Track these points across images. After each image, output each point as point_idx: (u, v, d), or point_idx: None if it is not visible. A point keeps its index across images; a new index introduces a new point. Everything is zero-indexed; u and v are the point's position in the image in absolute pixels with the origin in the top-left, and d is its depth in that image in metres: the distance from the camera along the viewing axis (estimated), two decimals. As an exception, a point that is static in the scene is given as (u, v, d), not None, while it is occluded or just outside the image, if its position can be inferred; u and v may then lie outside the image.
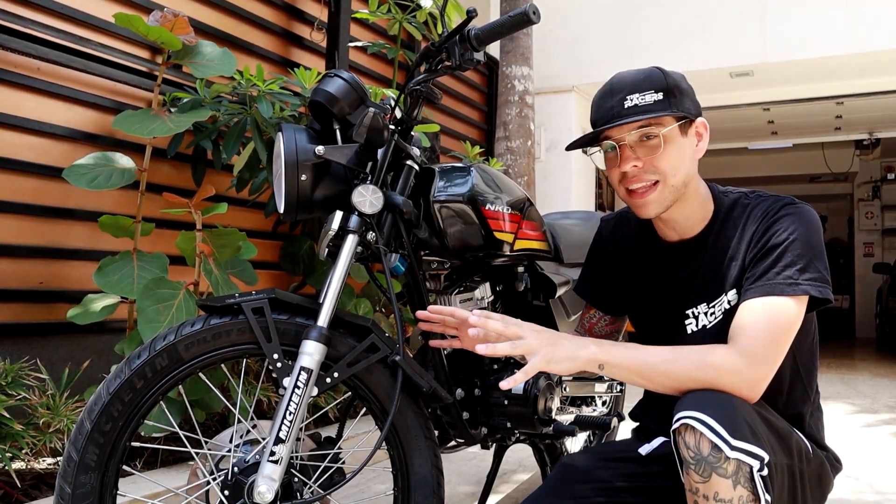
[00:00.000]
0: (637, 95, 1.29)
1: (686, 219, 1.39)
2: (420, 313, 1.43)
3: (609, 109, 1.31)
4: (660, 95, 1.29)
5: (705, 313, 1.38)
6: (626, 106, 1.29)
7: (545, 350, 1.21)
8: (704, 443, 1.11)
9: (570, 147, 1.39)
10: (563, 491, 1.41)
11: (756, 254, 1.29)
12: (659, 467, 1.38)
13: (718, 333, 1.33)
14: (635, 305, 1.56)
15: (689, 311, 1.40)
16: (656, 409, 1.54)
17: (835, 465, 1.40)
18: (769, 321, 1.22)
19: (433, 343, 1.52)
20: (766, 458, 1.12)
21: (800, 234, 1.27)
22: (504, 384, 1.20)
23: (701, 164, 1.43)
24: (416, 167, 1.52)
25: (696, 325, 1.39)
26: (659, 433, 1.48)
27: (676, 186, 1.33)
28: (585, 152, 1.42)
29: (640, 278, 1.51)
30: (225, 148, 2.58)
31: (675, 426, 1.16)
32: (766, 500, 1.12)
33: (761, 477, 1.12)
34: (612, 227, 1.58)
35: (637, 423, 1.62)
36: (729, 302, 1.34)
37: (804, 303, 1.25)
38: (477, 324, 1.24)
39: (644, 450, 1.45)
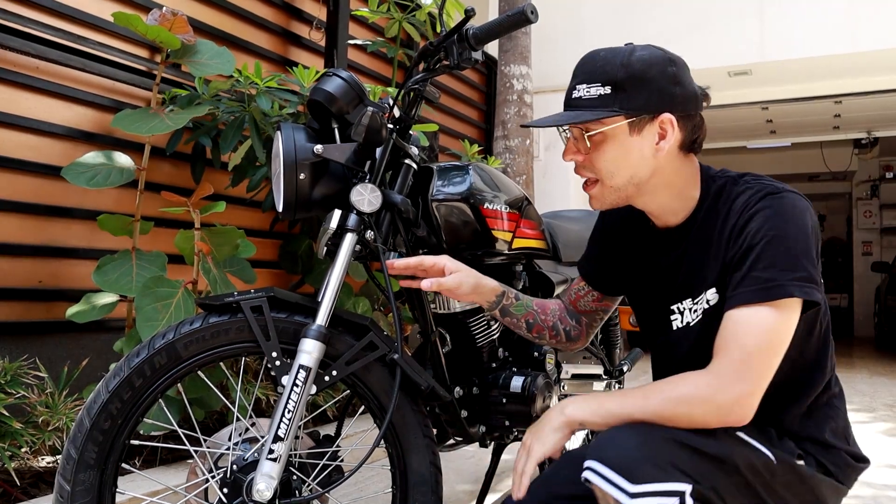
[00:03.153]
0: (584, 87, 1.22)
1: (660, 209, 1.31)
2: (391, 266, 1.40)
3: (566, 95, 1.27)
4: (607, 89, 1.20)
5: (689, 309, 1.30)
6: (572, 96, 1.24)
7: (529, 447, 1.21)
8: (608, 498, 1.05)
9: (524, 125, 1.34)
10: (557, 478, 1.36)
11: (735, 254, 1.18)
12: None
13: (701, 334, 1.27)
14: (630, 292, 1.50)
15: (673, 307, 1.33)
16: None
17: (843, 466, 1.29)
18: (747, 335, 1.11)
19: (404, 284, 1.47)
20: (688, 488, 1.03)
21: (778, 231, 1.14)
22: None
23: (700, 163, 1.39)
24: (415, 166, 1.53)
25: (682, 322, 1.32)
26: None
27: (617, 186, 1.26)
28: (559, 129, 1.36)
29: (633, 263, 1.45)
30: (223, 144, 2.58)
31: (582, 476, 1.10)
32: None
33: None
34: (613, 214, 1.51)
35: None
36: (708, 301, 1.25)
37: (792, 305, 1.13)
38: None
39: None
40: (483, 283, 1.43)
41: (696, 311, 1.28)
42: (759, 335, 1.11)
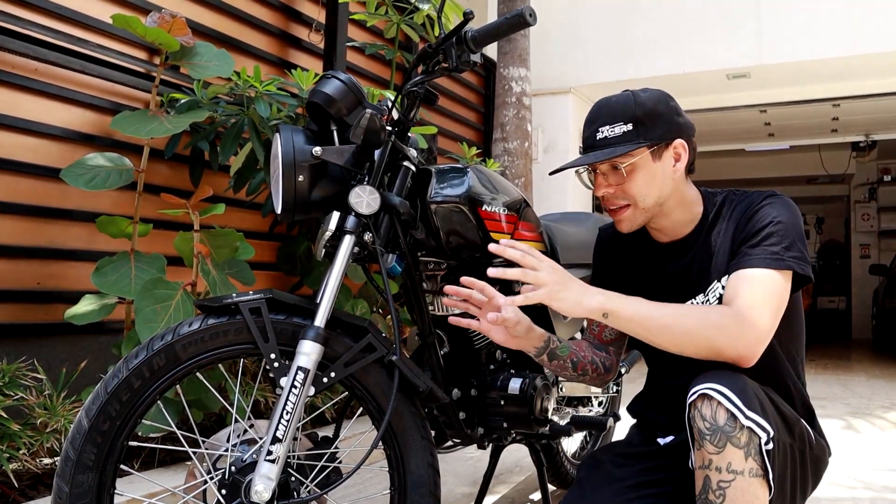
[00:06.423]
0: (608, 127, 1.40)
1: (673, 224, 1.48)
2: (448, 288, 1.43)
3: (586, 139, 1.44)
4: (629, 126, 1.38)
5: (702, 302, 1.45)
6: (597, 137, 1.41)
7: (552, 287, 1.28)
8: (721, 412, 1.20)
9: (553, 172, 1.51)
10: (594, 493, 1.45)
11: (746, 234, 1.39)
12: (674, 457, 1.45)
13: None
14: None
15: (688, 303, 1.47)
16: (655, 407, 1.58)
17: (828, 446, 1.48)
18: (760, 289, 1.30)
19: (452, 320, 1.48)
20: (772, 433, 1.20)
21: (783, 219, 1.37)
22: (492, 272, 1.29)
23: (699, 166, 1.52)
24: (413, 168, 1.53)
25: None
26: (670, 430, 1.52)
27: (647, 208, 1.43)
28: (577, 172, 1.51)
29: (638, 279, 1.57)
30: (222, 149, 2.59)
31: (691, 399, 1.23)
32: (772, 475, 1.20)
33: (766, 451, 1.20)
34: (610, 235, 1.65)
35: (637, 419, 1.64)
36: (723, 287, 1.41)
37: (789, 278, 1.34)
38: (496, 251, 1.31)
39: (662, 441, 1.53)
40: (533, 327, 1.47)
41: (707, 301, 1.44)
42: (770, 292, 1.31)
